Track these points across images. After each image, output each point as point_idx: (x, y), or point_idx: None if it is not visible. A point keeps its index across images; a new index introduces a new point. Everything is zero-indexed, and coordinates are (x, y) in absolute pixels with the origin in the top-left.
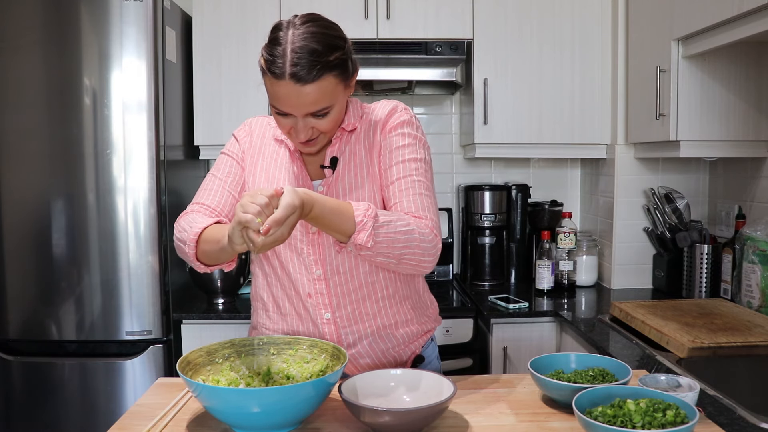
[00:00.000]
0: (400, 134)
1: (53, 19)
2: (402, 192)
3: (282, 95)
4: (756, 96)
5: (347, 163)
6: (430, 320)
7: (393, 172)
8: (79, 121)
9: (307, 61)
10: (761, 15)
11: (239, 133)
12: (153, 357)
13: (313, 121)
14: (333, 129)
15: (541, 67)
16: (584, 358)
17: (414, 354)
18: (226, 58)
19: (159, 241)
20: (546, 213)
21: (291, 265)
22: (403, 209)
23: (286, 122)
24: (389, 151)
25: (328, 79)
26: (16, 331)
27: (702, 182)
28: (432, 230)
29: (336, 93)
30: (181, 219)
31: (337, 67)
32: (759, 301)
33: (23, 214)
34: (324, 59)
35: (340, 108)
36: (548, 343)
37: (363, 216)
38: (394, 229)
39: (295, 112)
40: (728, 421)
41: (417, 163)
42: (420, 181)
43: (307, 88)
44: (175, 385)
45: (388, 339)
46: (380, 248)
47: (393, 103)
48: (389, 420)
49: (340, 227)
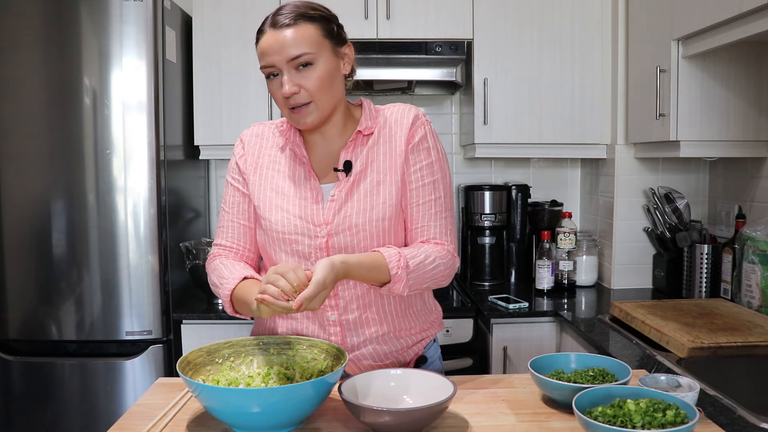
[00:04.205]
0: (426, 149)
1: (53, 19)
2: (427, 216)
3: (265, 47)
4: (756, 96)
5: (365, 168)
6: (433, 325)
7: (420, 193)
8: (79, 121)
9: (288, 12)
10: (761, 15)
11: (236, 150)
12: (153, 357)
13: (297, 76)
14: (322, 93)
15: (541, 66)
16: (584, 358)
17: (417, 355)
18: (226, 58)
19: (159, 241)
20: (546, 213)
21: None
22: (426, 234)
23: (277, 86)
24: (419, 168)
25: (307, 26)
26: (16, 331)
27: (702, 182)
28: (452, 254)
29: (318, 45)
30: (209, 267)
31: (318, 20)
32: (759, 301)
33: (23, 214)
34: (303, 11)
35: (326, 68)
36: (548, 343)
37: (397, 268)
38: (424, 269)
39: (277, 58)
40: (728, 421)
41: (442, 183)
42: (443, 203)
43: (286, 32)
44: (175, 385)
45: (391, 342)
46: (412, 288)
47: (413, 110)
48: (389, 420)
49: (375, 280)
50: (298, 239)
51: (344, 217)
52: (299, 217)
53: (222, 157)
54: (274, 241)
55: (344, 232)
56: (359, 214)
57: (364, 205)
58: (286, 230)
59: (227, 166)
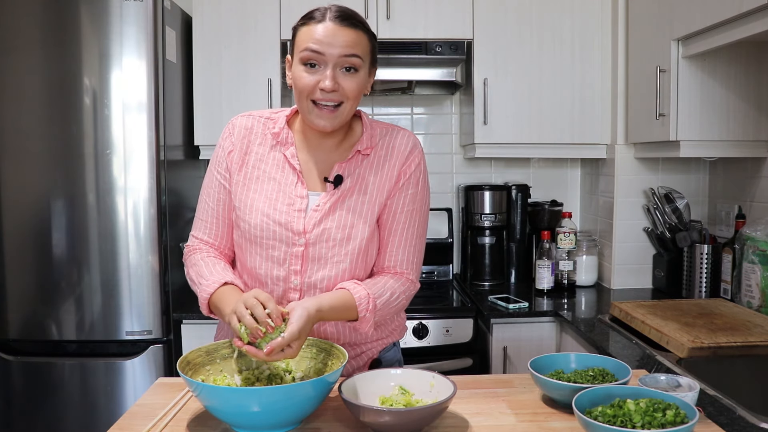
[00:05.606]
0: (414, 181)
1: (53, 19)
2: (396, 243)
3: (320, 35)
4: (756, 96)
5: (353, 186)
6: (393, 334)
7: (396, 219)
8: (79, 121)
9: (348, 13)
10: (761, 15)
11: (225, 143)
12: (153, 357)
13: (341, 76)
14: (353, 101)
15: (541, 66)
16: (584, 358)
17: (371, 358)
18: (226, 58)
19: (159, 241)
20: (546, 213)
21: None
22: (393, 260)
23: (314, 76)
24: (402, 196)
25: (362, 34)
26: (16, 331)
27: (702, 182)
28: (412, 282)
29: (366, 55)
30: (188, 260)
31: (370, 34)
32: (759, 301)
33: (23, 214)
34: (361, 20)
35: (363, 79)
36: (548, 343)
37: (365, 311)
38: (388, 307)
39: (330, 50)
40: (728, 421)
41: (419, 213)
42: (414, 232)
43: (345, 30)
44: (175, 385)
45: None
46: (376, 324)
47: (413, 140)
48: (389, 420)
49: (346, 318)
50: (275, 245)
51: (324, 229)
52: (279, 223)
53: None
54: (250, 244)
55: (321, 244)
56: (338, 229)
57: (344, 221)
58: (264, 235)
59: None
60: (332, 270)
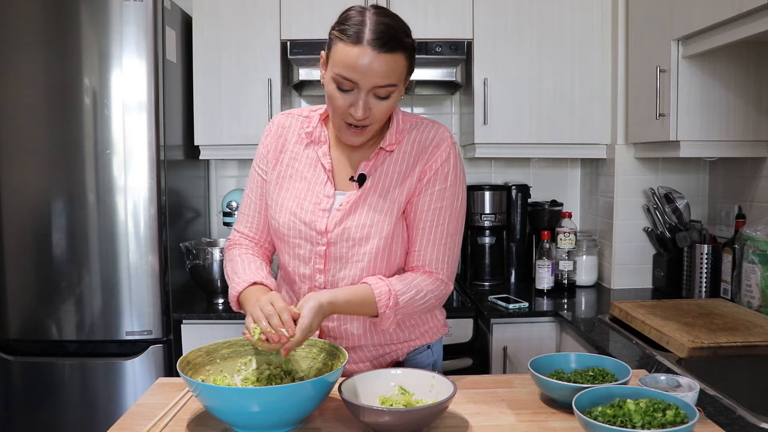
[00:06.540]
0: (443, 175)
1: (53, 19)
2: (425, 242)
3: (355, 63)
4: (756, 96)
5: (376, 183)
6: (425, 335)
7: (424, 218)
8: (79, 121)
9: (387, 33)
10: (761, 15)
11: (266, 140)
12: (153, 357)
13: (373, 101)
14: (383, 120)
15: (541, 67)
16: (584, 358)
17: (395, 360)
18: (226, 58)
19: (159, 241)
20: (546, 213)
21: (297, 274)
22: (422, 259)
23: (346, 99)
24: (429, 193)
25: (400, 56)
26: (16, 331)
27: (702, 182)
28: (444, 282)
29: (402, 78)
30: (227, 254)
31: (408, 49)
32: (759, 301)
33: (23, 214)
34: (400, 37)
35: (396, 99)
36: (548, 343)
37: (385, 307)
38: (413, 305)
39: (364, 81)
40: (728, 421)
41: (450, 209)
42: (445, 229)
43: (382, 58)
44: (175, 385)
45: (367, 350)
46: (400, 322)
47: (441, 133)
48: (389, 420)
49: (365, 313)
50: (300, 243)
51: (344, 228)
52: (304, 222)
53: (222, 157)
54: (281, 242)
55: (342, 243)
56: (358, 229)
57: (364, 221)
58: (291, 234)
59: (227, 165)
60: (352, 269)
